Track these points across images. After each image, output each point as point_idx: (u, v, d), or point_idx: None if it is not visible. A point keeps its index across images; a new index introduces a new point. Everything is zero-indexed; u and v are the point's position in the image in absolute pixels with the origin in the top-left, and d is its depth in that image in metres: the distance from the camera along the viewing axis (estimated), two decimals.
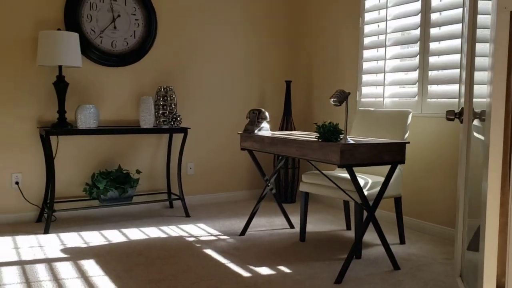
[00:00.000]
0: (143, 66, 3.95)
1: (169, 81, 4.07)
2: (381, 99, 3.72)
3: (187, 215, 3.79)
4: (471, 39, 1.82)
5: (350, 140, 2.47)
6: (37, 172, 3.58)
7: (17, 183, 3.52)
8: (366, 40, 3.89)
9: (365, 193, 2.82)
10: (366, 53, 3.89)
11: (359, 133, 3.37)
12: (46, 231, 3.25)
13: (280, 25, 4.62)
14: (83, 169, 3.75)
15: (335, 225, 3.59)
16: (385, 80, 3.68)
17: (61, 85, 3.44)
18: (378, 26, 3.78)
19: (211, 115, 4.31)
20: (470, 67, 1.81)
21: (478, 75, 1.82)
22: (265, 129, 3.18)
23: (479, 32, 1.80)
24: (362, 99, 3.94)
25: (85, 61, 3.70)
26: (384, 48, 3.68)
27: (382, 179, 2.95)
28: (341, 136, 2.48)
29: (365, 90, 3.92)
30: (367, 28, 3.87)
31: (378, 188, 2.86)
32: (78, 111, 3.51)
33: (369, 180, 2.91)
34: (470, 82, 1.82)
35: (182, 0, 4.09)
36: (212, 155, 4.34)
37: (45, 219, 3.28)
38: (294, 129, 4.39)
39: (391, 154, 2.52)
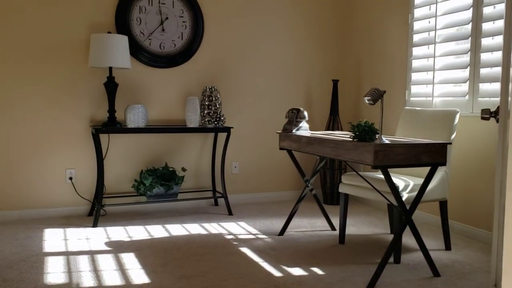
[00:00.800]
0: (190, 67, 4.04)
1: (215, 81, 4.14)
2: (431, 98, 3.57)
3: (229, 213, 3.84)
4: (509, 33, 1.70)
5: (385, 140, 2.39)
6: (89, 168, 3.77)
7: (70, 178, 3.72)
8: (416, 37, 3.74)
9: (406, 195, 2.71)
10: (416, 51, 3.74)
11: (404, 133, 3.25)
12: (94, 225, 3.41)
13: (327, 23, 4.55)
14: (133, 166, 3.91)
15: (379, 228, 3.48)
16: (435, 79, 3.52)
17: (111, 86, 3.60)
18: (429, 22, 3.63)
19: (257, 115, 4.33)
20: (506, 63, 1.70)
21: None
22: (303, 129, 3.15)
23: None
24: (411, 98, 3.79)
25: (135, 62, 3.84)
26: (433, 45, 3.52)
27: None
28: (377, 136, 2.40)
29: (415, 89, 3.78)
30: (417, 25, 3.73)
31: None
32: (128, 111, 3.66)
33: (410, 182, 2.80)
34: (506, 79, 1.70)
35: (229, 1, 4.14)
36: (257, 154, 4.36)
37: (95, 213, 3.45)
38: (341, 129, 4.31)
39: (430, 155, 2.41)
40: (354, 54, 4.51)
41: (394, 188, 2.43)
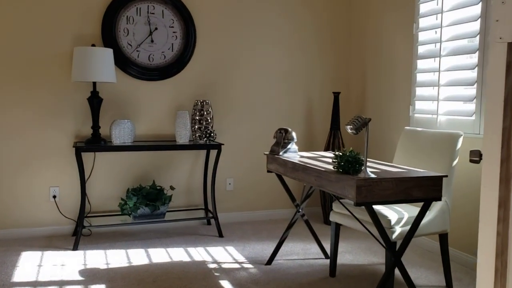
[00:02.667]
0: (181, 79, 3.84)
1: (207, 95, 3.93)
2: (435, 116, 3.28)
3: (220, 235, 3.62)
4: None
5: (371, 173, 2.14)
6: (74, 186, 3.61)
7: (54, 196, 3.57)
8: (421, 49, 3.45)
9: (399, 230, 2.45)
10: (421, 63, 3.46)
11: (402, 157, 2.98)
12: (75, 248, 3.25)
13: (325, 33, 4.28)
14: (120, 183, 3.74)
15: (378, 257, 3.22)
16: (440, 95, 3.23)
17: (94, 101, 3.43)
18: (436, 32, 3.34)
19: (253, 129, 4.10)
20: None
21: None
22: (292, 151, 2.91)
23: None
24: (416, 115, 3.51)
25: (122, 75, 3.67)
26: (439, 59, 3.24)
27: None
28: (362, 168, 2.15)
29: (419, 105, 3.49)
30: (422, 36, 3.44)
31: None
32: (113, 126, 3.49)
33: (405, 214, 2.53)
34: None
35: (222, 10, 3.92)
36: (253, 170, 4.13)
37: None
38: (342, 145, 4.04)
39: (422, 190, 2.15)
40: (357, 66, 4.24)
41: (381, 228, 2.18)
